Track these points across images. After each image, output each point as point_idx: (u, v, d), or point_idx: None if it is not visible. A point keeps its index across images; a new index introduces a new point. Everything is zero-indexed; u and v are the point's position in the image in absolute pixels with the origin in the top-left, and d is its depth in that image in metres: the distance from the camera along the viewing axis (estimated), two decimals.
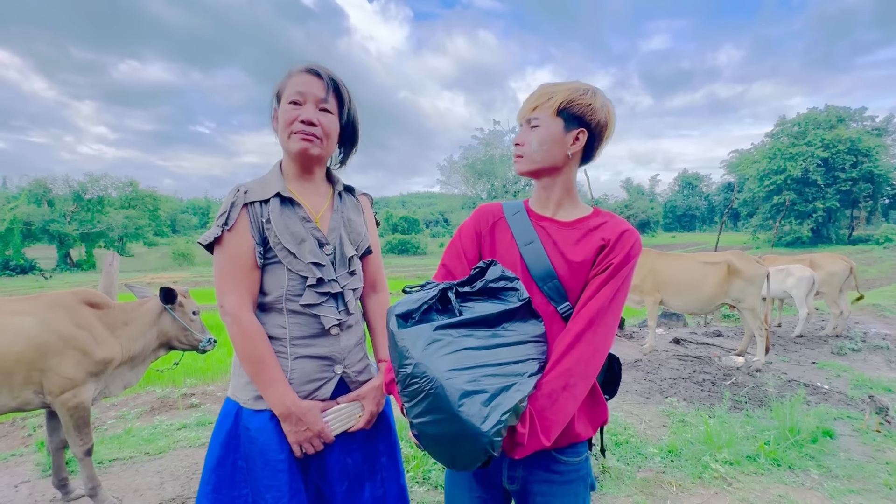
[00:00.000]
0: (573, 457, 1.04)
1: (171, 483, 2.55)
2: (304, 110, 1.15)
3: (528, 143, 1.04)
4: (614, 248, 0.98)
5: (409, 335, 0.84)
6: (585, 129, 1.03)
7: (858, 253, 27.16)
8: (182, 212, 73.09)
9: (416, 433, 0.87)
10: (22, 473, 2.66)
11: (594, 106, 1.02)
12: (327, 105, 1.17)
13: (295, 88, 1.15)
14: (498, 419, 0.79)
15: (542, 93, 1.04)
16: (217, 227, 1.14)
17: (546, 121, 1.03)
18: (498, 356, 0.86)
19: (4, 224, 33.16)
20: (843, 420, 3.47)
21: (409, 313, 0.88)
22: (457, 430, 0.79)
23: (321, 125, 1.16)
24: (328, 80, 1.17)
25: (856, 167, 35.28)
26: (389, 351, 0.90)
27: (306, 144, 1.15)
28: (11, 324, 1.98)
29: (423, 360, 0.81)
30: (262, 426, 1.13)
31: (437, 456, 0.88)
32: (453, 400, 0.78)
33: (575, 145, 1.03)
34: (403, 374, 0.83)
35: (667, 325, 7.99)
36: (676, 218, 78.06)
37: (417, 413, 0.83)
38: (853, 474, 2.63)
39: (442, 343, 0.84)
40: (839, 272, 6.70)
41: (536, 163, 1.04)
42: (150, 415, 3.72)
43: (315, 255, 1.17)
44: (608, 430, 3.08)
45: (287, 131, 1.16)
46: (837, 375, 4.80)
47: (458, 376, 0.80)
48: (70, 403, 2.06)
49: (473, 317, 0.89)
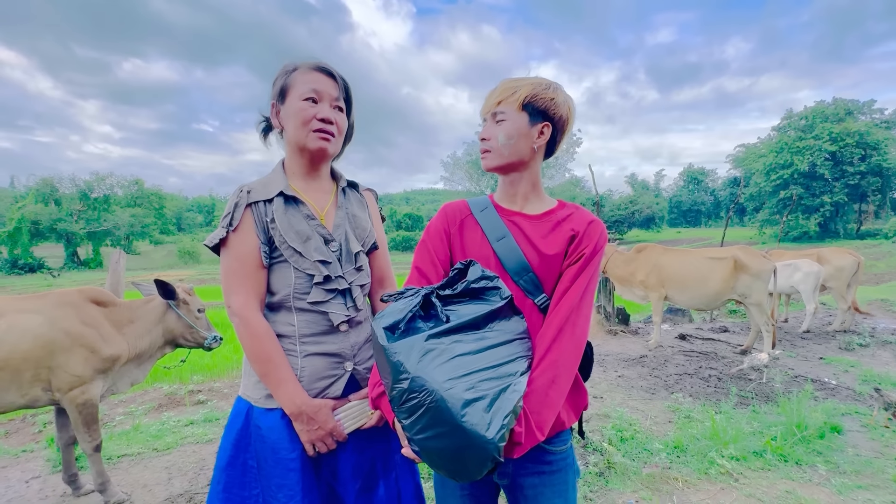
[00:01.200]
0: (560, 445, 1.05)
1: (179, 479, 2.58)
2: (322, 108, 1.16)
3: (494, 137, 1.05)
4: (584, 239, 1.01)
5: (402, 348, 0.80)
6: (549, 123, 1.04)
7: (867, 247, 26.90)
8: (187, 210, 73.53)
9: (416, 449, 0.83)
10: (33, 469, 2.70)
11: (557, 100, 1.04)
12: (340, 104, 1.20)
13: (310, 86, 1.15)
14: (501, 424, 0.77)
15: (505, 87, 1.05)
16: (222, 229, 1.14)
17: (512, 115, 1.03)
18: (490, 359, 0.85)
19: (13, 223, 33.51)
20: (852, 416, 3.44)
21: (395, 324, 0.84)
22: (462, 441, 0.77)
23: (336, 123, 1.18)
24: (341, 80, 1.20)
25: (864, 161, 34.93)
26: (379, 366, 0.87)
27: (325, 143, 1.17)
28: (19, 322, 2.00)
29: (419, 372, 0.78)
30: (274, 425, 1.13)
31: (442, 469, 0.84)
32: (456, 411, 0.76)
33: (540, 139, 1.05)
34: (400, 389, 0.79)
35: (672, 320, 7.96)
36: (682, 213, 77.66)
37: (419, 429, 0.79)
38: (861, 470, 2.61)
39: (435, 353, 0.81)
40: (847, 267, 6.64)
41: (504, 157, 1.05)
42: (158, 411, 3.75)
43: (321, 252, 1.17)
44: (613, 426, 3.08)
45: (305, 129, 1.16)
46: (845, 371, 4.76)
47: (457, 385, 0.78)
48: (78, 400, 2.09)
49: (462, 321, 0.86)
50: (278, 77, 1.20)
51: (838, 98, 38.17)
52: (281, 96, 1.19)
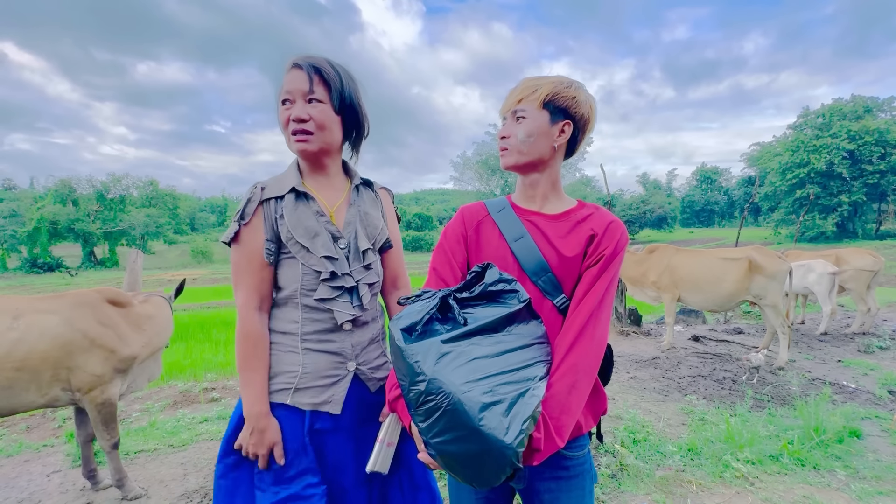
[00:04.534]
0: (578, 450, 1.03)
1: (195, 474, 2.61)
2: (294, 108, 1.14)
3: (514, 135, 1.04)
4: (603, 240, 0.99)
5: (420, 350, 0.80)
6: (571, 122, 1.03)
7: (887, 248, 26.23)
8: (200, 210, 74.47)
9: (433, 453, 0.83)
10: (53, 463, 2.76)
11: (578, 99, 1.03)
12: (315, 95, 1.13)
13: (284, 87, 1.14)
14: (519, 429, 0.76)
15: (526, 85, 1.04)
16: (235, 223, 1.16)
17: (532, 113, 1.02)
18: (508, 362, 0.84)
19: (32, 223, 34.27)
20: (871, 420, 3.37)
21: (412, 326, 0.84)
22: (479, 445, 0.76)
23: (312, 118, 1.13)
24: (308, 68, 1.13)
25: (884, 159, 34.05)
26: (396, 368, 0.87)
27: (303, 144, 1.15)
28: (37, 322, 2.02)
29: (436, 374, 0.77)
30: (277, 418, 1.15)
31: (459, 474, 0.83)
32: (473, 414, 0.75)
33: (561, 137, 1.04)
34: (417, 391, 0.79)
35: (685, 321, 7.85)
36: (694, 213, 76.53)
37: (436, 432, 0.79)
38: (882, 475, 2.55)
39: (453, 355, 0.80)
40: (867, 267, 6.49)
41: (524, 155, 1.04)
42: (173, 408, 3.81)
43: (328, 249, 1.16)
44: (625, 428, 3.05)
45: (286, 133, 1.16)
46: (865, 374, 4.65)
47: (474, 388, 0.77)
48: (98, 400, 2.12)
49: (480, 324, 0.86)
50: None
51: (857, 95, 37.24)
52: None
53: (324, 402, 1.16)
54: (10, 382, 1.94)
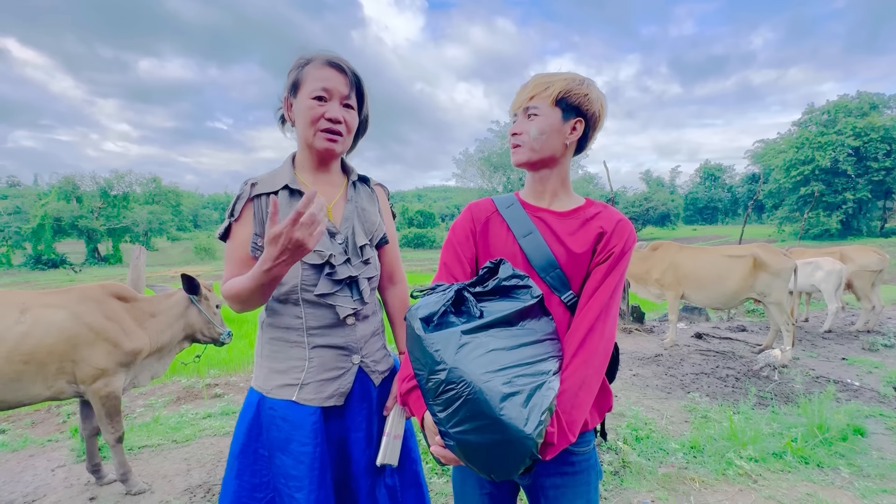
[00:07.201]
0: (583, 446, 1.04)
1: (198, 470, 2.63)
2: (330, 108, 1.14)
3: (526, 132, 1.04)
4: (612, 238, 1.00)
5: (440, 339, 0.80)
6: (582, 119, 1.03)
7: (891, 245, 26.04)
8: (203, 207, 74.73)
9: (451, 444, 0.82)
10: (58, 458, 2.78)
11: (590, 96, 1.03)
12: (350, 101, 1.17)
13: (319, 83, 1.13)
14: (538, 420, 0.77)
15: (538, 82, 1.04)
16: (227, 219, 1.18)
17: (545, 110, 1.02)
18: (523, 355, 0.85)
19: (36, 220, 34.41)
20: (876, 418, 3.35)
21: (430, 316, 0.85)
22: (500, 435, 0.76)
23: (345, 122, 1.16)
24: (352, 75, 1.17)
25: (889, 156, 33.78)
26: (413, 358, 0.86)
27: (331, 144, 1.16)
28: (44, 316, 2.05)
29: (457, 364, 0.78)
30: (286, 415, 1.14)
31: (477, 464, 0.83)
32: (494, 404, 0.75)
33: (573, 135, 1.04)
34: (437, 380, 0.79)
35: (688, 319, 7.83)
36: (698, 210, 76.23)
37: (455, 422, 0.78)
38: (886, 474, 2.54)
39: (472, 345, 0.80)
40: (872, 265, 6.45)
41: (536, 152, 1.04)
42: (177, 404, 3.83)
43: (324, 244, 1.17)
44: (628, 425, 3.05)
45: (313, 128, 1.15)
46: (869, 372, 4.63)
47: (494, 379, 0.77)
48: (102, 392, 2.14)
49: (495, 317, 0.86)
50: (292, 70, 1.19)
51: (863, 91, 36.91)
52: (293, 90, 1.18)
53: (329, 396, 1.17)
54: (19, 375, 1.98)
